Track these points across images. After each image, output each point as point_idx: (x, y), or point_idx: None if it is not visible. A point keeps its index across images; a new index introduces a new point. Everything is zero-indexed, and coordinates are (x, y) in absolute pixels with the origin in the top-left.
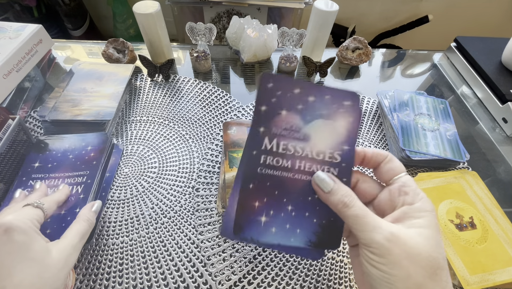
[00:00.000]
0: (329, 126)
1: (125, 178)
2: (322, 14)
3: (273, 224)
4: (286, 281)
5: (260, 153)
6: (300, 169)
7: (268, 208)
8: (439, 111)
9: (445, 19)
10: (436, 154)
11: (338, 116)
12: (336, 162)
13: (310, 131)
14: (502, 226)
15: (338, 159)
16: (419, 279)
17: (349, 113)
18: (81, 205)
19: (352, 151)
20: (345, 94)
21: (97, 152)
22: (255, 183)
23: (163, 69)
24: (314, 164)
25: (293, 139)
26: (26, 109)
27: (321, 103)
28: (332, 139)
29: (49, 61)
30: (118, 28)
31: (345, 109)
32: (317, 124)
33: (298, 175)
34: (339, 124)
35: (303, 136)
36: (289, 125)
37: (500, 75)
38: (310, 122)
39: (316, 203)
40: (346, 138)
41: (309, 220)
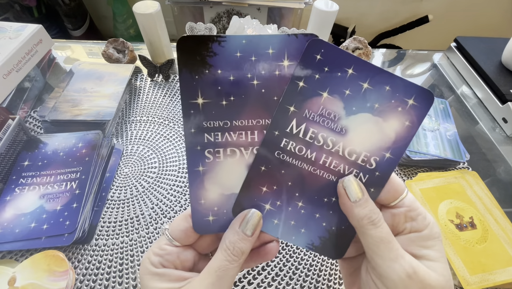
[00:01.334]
0: (376, 125)
1: (125, 178)
2: (322, 14)
3: (277, 215)
4: (286, 281)
5: (283, 135)
6: (325, 165)
7: (275, 197)
8: (439, 111)
9: (445, 19)
10: (436, 154)
11: (392, 115)
12: (370, 168)
13: (350, 125)
14: (502, 226)
15: (373, 165)
16: None
17: (409, 116)
18: (77, 200)
19: (395, 161)
20: (413, 90)
21: (89, 148)
22: (268, 167)
23: (163, 69)
24: (343, 163)
25: (327, 129)
26: (26, 109)
27: (377, 94)
28: (374, 140)
29: (49, 61)
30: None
31: (405, 110)
32: (362, 119)
33: (320, 171)
34: (390, 125)
35: (340, 128)
36: (327, 111)
37: (500, 75)
38: (354, 114)
39: (331, 206)
40: (392, 144)
41: (318, 223)
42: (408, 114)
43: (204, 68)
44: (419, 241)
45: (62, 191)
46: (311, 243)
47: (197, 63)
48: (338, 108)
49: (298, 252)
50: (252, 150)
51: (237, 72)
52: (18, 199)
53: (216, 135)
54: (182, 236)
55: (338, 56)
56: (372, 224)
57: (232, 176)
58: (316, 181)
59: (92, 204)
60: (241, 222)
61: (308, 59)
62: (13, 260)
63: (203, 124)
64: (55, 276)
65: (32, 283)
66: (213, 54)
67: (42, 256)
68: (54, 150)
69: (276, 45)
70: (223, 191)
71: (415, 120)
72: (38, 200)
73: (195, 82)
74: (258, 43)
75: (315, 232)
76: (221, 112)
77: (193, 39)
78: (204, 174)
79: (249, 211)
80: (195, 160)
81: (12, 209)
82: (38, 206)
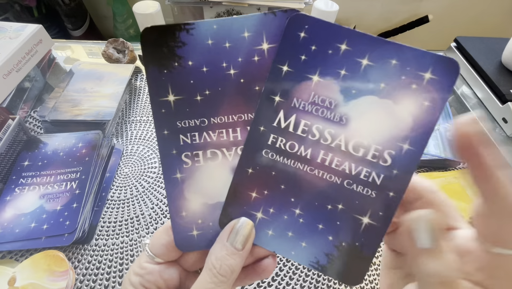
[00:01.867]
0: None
1: (125, 178)
2: (322, 14)
3: (271, 225)
4: (286, 281)
5: (270, 131)
6: (324, 164)
7: (267, 204)
8: None
9: (445, 19)
10: (436, 154)
11: (405, 95)
12: (385, 164)
13: (351, 112)
14: None
15: (387, 161)
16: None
17: (428, 93)
18: (77, 200)
19: (417, 154)
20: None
21: (89, 148)
22: (255, 169)
23: None
24: (348, 160)
25: (322, 119)
26: (26, 109)
27: (381, 71)
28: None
29: (49, 61)
30: (118, 28)
31: (422, 86)
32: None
33: (318, 172)
34: (404, 109)
35: (338, 117)
36: (320, 98)
37: (500, 75)
38: (355, 98)
39: (338, 216)
40: (411, 132)
41: (323, 236)
42: (426, 92)
43: (173, 61)
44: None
45: (62, 191)
46: (315, 261)
47: (164, 56)
48: (333, 93)
49: None
50: (236, 150)
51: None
52: (18, 199)
53: (193, 136)
54: (164, 251)
55: (326, 31)
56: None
57: (216, 182)
58: (314, 183)
59: (92, 204)
60: (229, 234)
61: (290, 38)
62: (13, 260)
63: (176, 125)
64: (55, 276)
65: (32, 283)
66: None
67: (42, 256)
68: (54, 150)
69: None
70: (206, 200)
71: (437, 98)
72: (38, 200)
73: (164, 78)
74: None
75: (319, 248)
76: (196, 109)
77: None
78: (183, 181)
79: (238, 220)
80: (171, 166)
81: (12, 209)
82: (38, 206)
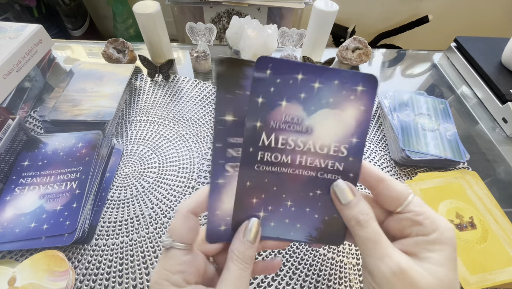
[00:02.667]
0: (335, 117)
1: (125, 178)
2: (322, 14)
3: (272, 218)
4: (286, 281)
5: (257, 150)
6: (301, 164)
7: (266, 204)
8: (439, 111)
9: (445, 19)
10: (436, 154)
11: (347, 104)
12: (343, 155)
13: (313, 123)
14: (502, 226)
15: (344, 152)
16: None
17: (361, 100)
18: (77, 200)
19: (362, 144)
20: (358, 78)
21: (89, 148)
22: (252, 181)
23: (163, 69)
24: (317, 158)
25: (294, 132)
26: (26, 109)
27: (328, 90)
28: (338, 131)
29: (49, 61)
30: (118, 28)
31: (357, 96)
32: (322, 115)
33: (299, 171)
34: (348, 114)
35: (305, 129)
36: (290, 117)
37: (500, 75)
38: (314, 113)
39: (318, 199)
40: (355, 129)
41: (310, 215)
42: (360, 100)
43: (237, 89)
44: (424, 244)
45: (62, 191)
46: (309, 236)
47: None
48: (298, 112)
49: (298, 252)
50: None
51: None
52: (18, 199)
53: (238, 151)
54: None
55: (286, 67)
56: (358, 225)
57: None
58: (297, 180)
59: (92, 204)
60: (244, 232)
61: (260, 76)
62: (13, 260)
63: (228, 140)
64: (55, 276)
65: (32, 283)
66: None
67: (42, 256)
68: (54, 150)
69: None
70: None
71: (367, 103)
72: (38, 200)
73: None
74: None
75: (310, 225)
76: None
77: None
78: (223, 186)
79: (248, 221)
80: (217, 173)
81: (12, 209)
82: (38, 206)
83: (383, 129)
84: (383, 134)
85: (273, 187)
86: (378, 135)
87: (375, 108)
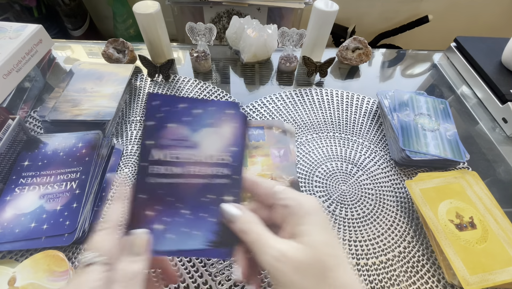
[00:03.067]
0: (216, 132)
1: (125, 178)
2: (322, 14)
3: (168, 230)
4: None
5: (149, 164)
6: (192, 173)
7: (161, 216)
8: (439, 111)
9: (445, 19)
10: (436, 154)
11: (223, 123)
12: (228, 162)
13: (198, 139)
14: (502, 226)
15: (230, 159)
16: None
17: (233, 120)
18: (77, 200)
19: (241, 151)
20: (226, 105)
21: (89, 148)
22: (145, 193)
23: (163, 69)
24: (206, 167)
25: (183, 147)
26: (26, 109)
27: (206, 114)
28: (220, 143)
29: (49, 61)
30: (118, 28)
31: (229, 117)
32: (205, 132)
33: (190, 179)
34: (225, 129)
35: (192, 144)
36: (178, 136)
37: (500, 75)
38: (198, 131)
39: (212, 202)
40: (234, 141)
41: (206, 220)
42: (232, 120)
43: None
44: (294, 221)
45: (62, 191)
46: (208, 241)
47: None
48: (184, 131)
49: None
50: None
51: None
52: (18, 199)
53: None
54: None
55: (171, 99)
56: (243, 233)
57: None
58: (190, 188)
59: (92, 204)
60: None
61: (150, 106)
62: (13, 260)
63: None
64: (55, 276)
65: (32, 283)
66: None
67: (42, 256)
68: (54, 150)
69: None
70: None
71: (238, 121)
72: (38, 200)
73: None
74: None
75: (207, 229)
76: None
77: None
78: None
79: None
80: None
81: (12, 209)
82: (38, 206)
83: (383, 129)
84: (383, 134)
85: (166, 198)
86: (378, 135)
87: (375, 108)
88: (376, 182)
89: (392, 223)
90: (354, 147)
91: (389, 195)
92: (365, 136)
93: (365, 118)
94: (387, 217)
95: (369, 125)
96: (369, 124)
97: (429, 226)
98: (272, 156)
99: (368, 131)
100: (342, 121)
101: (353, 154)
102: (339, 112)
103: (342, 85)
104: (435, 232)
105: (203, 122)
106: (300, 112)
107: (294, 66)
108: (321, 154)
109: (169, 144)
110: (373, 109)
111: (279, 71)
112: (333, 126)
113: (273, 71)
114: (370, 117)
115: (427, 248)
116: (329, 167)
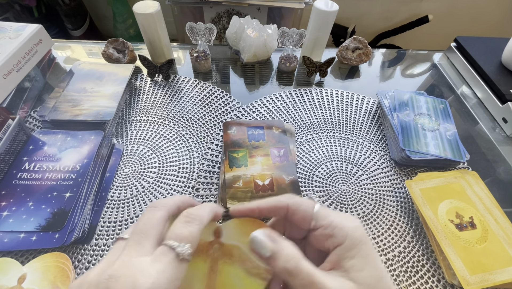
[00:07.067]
0: (76, 152)
1: (125, 178)
2: (322, 14)
3: (12, 216)
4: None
5: (18, 171)
6: (48, 178)
7: (11, 206)
8: (439, 111)
9: (445, 19)
10: (436, 154)
11: (83, 145)
12: (76, 170)
13: (62, 156)
14: (502, 226)
15: (78, 169)
16: None
17: (90, 143)
18: (77, 200)
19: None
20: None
21: (89, 148)
22: (7, 190)
23: (163, 69)
24: (60, 173)
25: (48, 161)
26: (26, 109)
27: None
28: (77, 157)
29: (49, 61)
30: (118, 28)
31: (88, 141)
32: (68, 151)
33: (44, 182)
34: (84, 149)
35: (56, 159)
36: (48, 154)
37: (500, 75)
38: (64, 150)
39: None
40: (86, 156)
41: (44, 211)
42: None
43: None
44: (344, 254)
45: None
46: (38, 226)
47: None
48: (53, 151)
49: None
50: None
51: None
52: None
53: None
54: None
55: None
56: (290, 276)
57: None
58: (41, 188)
59: (92, 204)
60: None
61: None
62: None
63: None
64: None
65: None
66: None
67: (53, 263)
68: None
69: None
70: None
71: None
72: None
73: None
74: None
75: (41, 217)
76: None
77: None
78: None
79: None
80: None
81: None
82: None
83: (383, 129)
84: (383, 134)
85: (21, 194)
86: (378, 135)
87: (375, 108)
88: (376, 182)
89: (392, 223)
90: (354, 147)
91: (389, 195)
92: (365, 136)
93: (365, 118)
94: (387, 217)
95: (369, 125)
96: (369, 124)
97: (429, 226)
98: (272, 156)
99: (368, 131)
100: (342, 121)
101: (353, 154)
102: (339, 112)
103: (342, 85)
104: (435, 232)
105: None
106: (300, 112)
107: (294, 66)
108: (321, 154)
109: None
110: (373, 109)
111: (279, 71)
112: (333, 126)
113: (273, 71)
114: (370, 117)
115: (427, 248)
116: (329, 167)
